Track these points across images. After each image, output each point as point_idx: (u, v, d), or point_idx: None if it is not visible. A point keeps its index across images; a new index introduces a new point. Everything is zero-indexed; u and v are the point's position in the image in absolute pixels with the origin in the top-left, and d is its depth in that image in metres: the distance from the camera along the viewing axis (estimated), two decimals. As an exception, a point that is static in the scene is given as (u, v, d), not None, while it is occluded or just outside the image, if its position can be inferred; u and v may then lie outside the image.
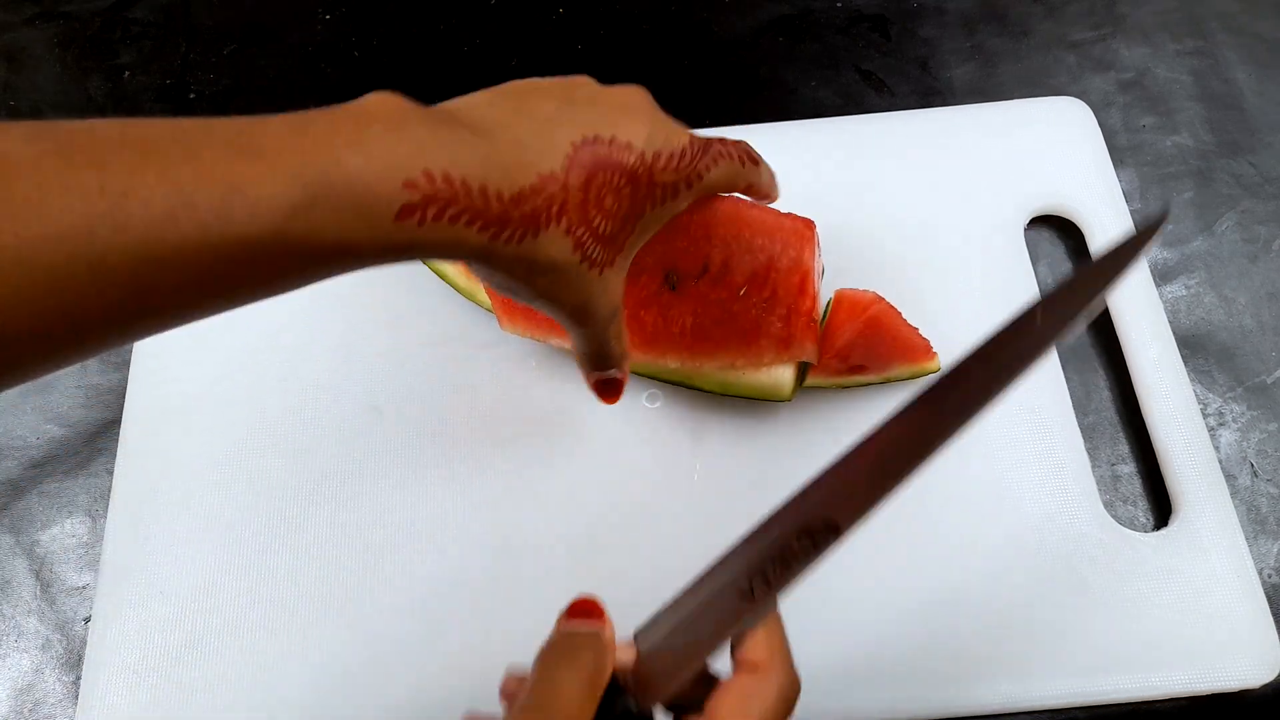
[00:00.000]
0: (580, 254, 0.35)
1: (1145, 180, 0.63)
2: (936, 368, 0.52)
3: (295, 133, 0.29)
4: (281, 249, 0.27)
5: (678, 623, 0.36)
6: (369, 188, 0.29)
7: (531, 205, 0.32)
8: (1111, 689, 0.46)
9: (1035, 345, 0.36)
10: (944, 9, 0.70)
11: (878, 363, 0.52)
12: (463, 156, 0.31)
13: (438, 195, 0.30)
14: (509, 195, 0.32)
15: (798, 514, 0.36)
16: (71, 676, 0.50)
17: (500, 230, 0.32)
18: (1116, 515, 0.51)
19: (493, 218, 0.31)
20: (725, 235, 0.46)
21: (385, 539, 0.50)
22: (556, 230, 0.33)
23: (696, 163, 0.39)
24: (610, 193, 0.35)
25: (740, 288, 0.46)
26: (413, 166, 0.30)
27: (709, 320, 0.47)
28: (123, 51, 0.70)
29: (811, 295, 0.47)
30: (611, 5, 0.71)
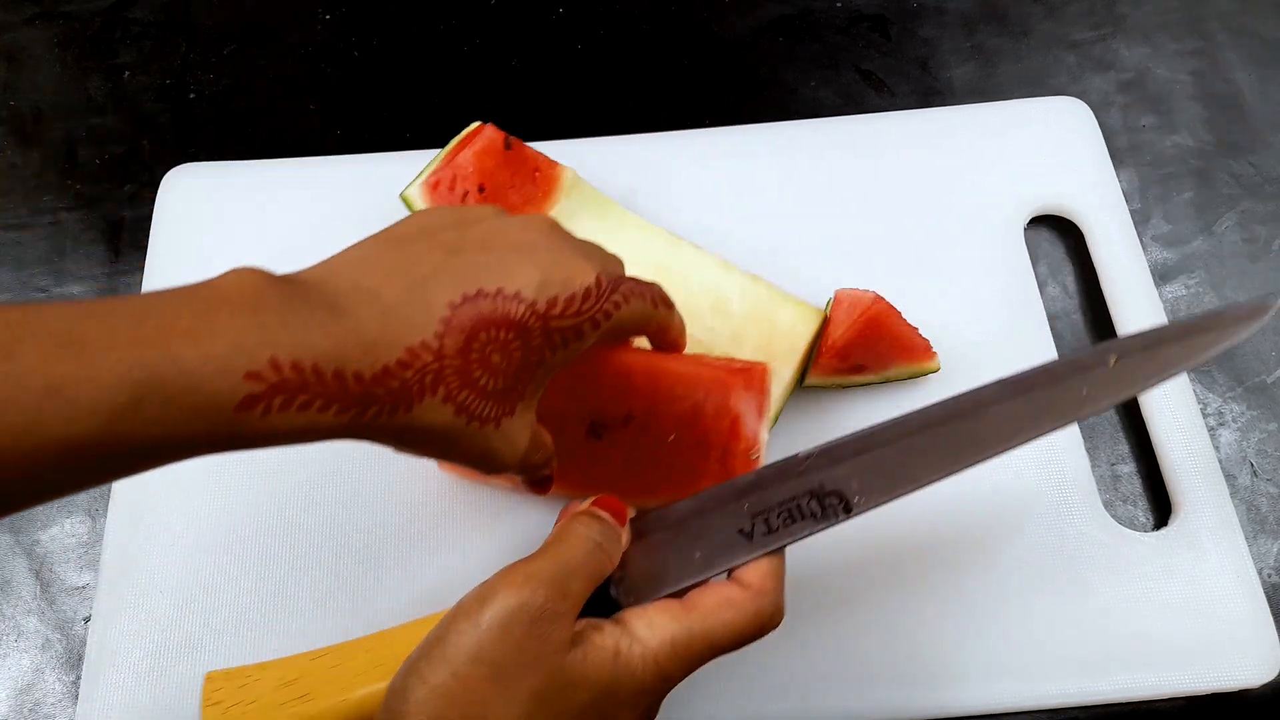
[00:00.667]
0: (465, 416, 0.33)
1: (1145, 180, 0.63)
2: (936, 367, 0.52)
3: (131, 322, 0.27)
4: (106, 448, 0.26)
5: (672, 539, 0.37)
6: (205, 382, 0.27)
7: (400, 379, 0.31)
8: (1111, 689, 0.46)
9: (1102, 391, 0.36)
10: (944, 9, 0.70)
11: (877, 362, 0.52)
12: (315, 340, 0.29)
13: (285, 384, 0.28)
14: (370, 375, 0.30)
15: (816, 474, 0.37)
16: (71, 676, 0.50)
17: (363, 410, 0.30)
18: (1116, 515, 0.51)
19: (351, 399, 0.30)
20: (643, 387, 0.45)
21: (386, 539, 0.50)
22: (433, 400, 0.32)
23: (602, 302, 0.36)
24: (497, 349, 0.33)
25: (669, 434, 0.46)
26: (257, 356, 0.28)
27: (641, 465, 0.46)
28: (123, 51, 0.70)
29: (746, 437, 0.46)
30: (611, 5, 0.71)
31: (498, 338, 0.33)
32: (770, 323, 0.52)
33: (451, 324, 0.32)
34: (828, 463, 0.37)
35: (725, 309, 0.53)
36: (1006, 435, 0.36)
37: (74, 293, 0.61)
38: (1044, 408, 0.36)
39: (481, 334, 0.32)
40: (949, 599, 0.48)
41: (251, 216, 0.60)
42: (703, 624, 0.35)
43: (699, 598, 0.36)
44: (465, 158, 0.55)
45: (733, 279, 0.54)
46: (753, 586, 0.36)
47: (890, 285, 0.55)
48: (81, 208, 0.64)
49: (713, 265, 0.54)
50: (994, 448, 0.36)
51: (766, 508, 0.37)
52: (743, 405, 0.46)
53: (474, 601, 0.34)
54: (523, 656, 0.32)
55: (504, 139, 0.56)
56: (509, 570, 0.34)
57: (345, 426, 0.30)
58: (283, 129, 0.66)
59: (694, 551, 0.37)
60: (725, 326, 0.52)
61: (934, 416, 0.37)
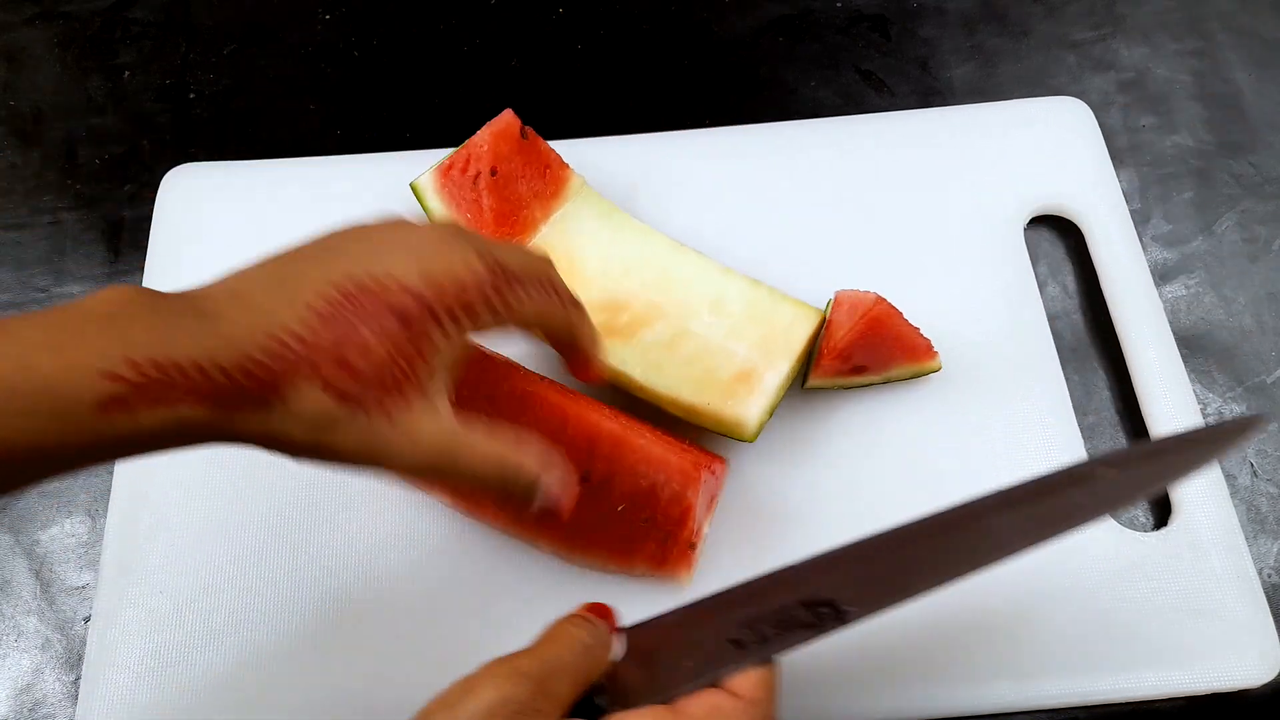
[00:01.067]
0: (347, 404, 0.32)
1: (1145, 180, 0.63)
2: (937, 367, 0.52)
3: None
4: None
5: (662, 647, 0.36)
6: (63, 386, 0.27)
7: (266, 368, 0.31)
8: (1111, 689, 0.46)
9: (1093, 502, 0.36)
10: (944, 9, 0.70)
11: (879, 363, 0.52)
12: (178, 339, 0.30)
13: (147, 382, 0.28)
14: (235, 366, 0.30)
15: (809, 584, 0.37)
16: (71, 676, 0.50)
17: (232, 403, 0.30)
18: (1116, 515, 0.51)
19: (218, 392, 0.30)
20: (609, 454, 0.46)
21: (386, 539, 0.50)
22: (307, 387, 0.31)
23: (493, 292, 0.36)
24: (374, 334, 0.32)
25: (619, 505, 0.46)
26: (113, 357, 0.28)
27: (585, 523, 0.47)
28: (123, 51, 0.70)
29: (691, 528, 0.46)
30: (611, 5, 0.71)
31: (374, 322, 0.33)
32: (768, 321, 0.52)
33: (321, 311, 0.32)
34: (820, 572, 0.37)
35: (724, 308, 0.53)
36: (999, 547, 0.37)
37: (74, 292, 0.61)
38: (1037, 520, 0.36)
39: (353, 319, 0.32)
40: (948, 599, 0.48)
41: (251, 216, 0.60)
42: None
43: (688, 705, 0.35)
44: (481, 137, 0.55)
45: (732, 283, 0.54)
46: (744, 696, 0.35)
47: (890, 285, 0.54)
48: (81, 208, 0.64)
49: (714, 270, 0.54)
50: (986, 559, 0.37)
51: (759, 616, 0.36)
52: (698, 499, 0.46)
53: (456, 692, 0.33)
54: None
55: (520, 127, 0.55)
56: (494, 663, 0.34)
57: (215, 424, 0.30)
58: (283, 129, 0.66)
59: (685, 660, 0.36)
60: (722, 324, 0.52)
61: (927, 527, 0.37)
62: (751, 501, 0.51)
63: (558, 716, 0.33)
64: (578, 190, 0.57)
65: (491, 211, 0.54)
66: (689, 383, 0.50)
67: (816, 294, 0.54)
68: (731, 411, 0.49)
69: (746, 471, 0.52)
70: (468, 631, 0.48)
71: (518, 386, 0.47)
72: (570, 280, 0.50)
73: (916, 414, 0.53)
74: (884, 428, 0.53)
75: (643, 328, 0.52)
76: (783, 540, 0.50)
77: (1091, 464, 0.37)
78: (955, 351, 0.54)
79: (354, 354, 0.32)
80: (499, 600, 0.49)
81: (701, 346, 0.52)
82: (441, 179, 0.55)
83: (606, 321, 0.52)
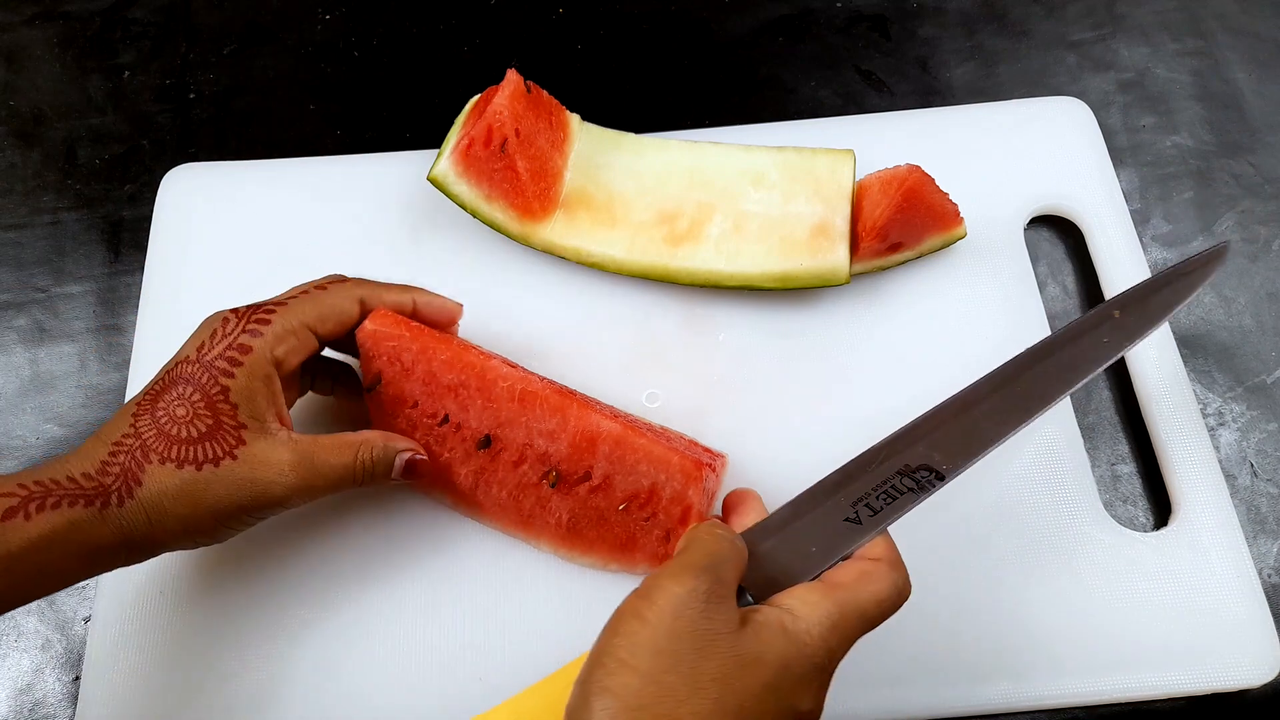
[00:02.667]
0: (192, 465, 0.41)
1: (1145, 180, 0.63)
2: (964, 233, 0.55)
3: None
4: None
5: (786, 539, 0.40)
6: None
7: (118, 464, 0.40)
8: (1111, 689, 0.46)
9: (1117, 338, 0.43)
10: (944, 9, 0.70)
11: (913, 237, 0.54)
12: (50, 466, 0.40)
13: (32, 494, 0.38)
14: (94, 469, 0.40)
15: (902, 453, 0.42)
16: (71, 676, 0.50)
17: (104, 497, 0.39)
18: (1116, 515, 0.51)
19: (89, 491, 0.39)
20: (610, 454, 0.46)
21: (388, 538, 0.50)
22: (154, 467, 0.40)
23: (242, 324, 0.43)
24: (180, 403, 0.41)
25: (620, 503, 0.47)
26: (5, 485, 0.38)
27: (586, 521, 0.48)
28: (123, 51, 0.70)
29: (691, 525, 0.47)
30: (611, 5, 0.71)
31: (174, 396, 0.42)
32: (811, 176, 0.56)
33: (139, 413, 0.41)
34: (905, 445, 0.42)
35: (766, 180, 0.56)
36: (1050, 390, 0.42)
37: (74, 292, 0.61)
38: (1072, 361, 0.43)
39: (160, 402, 0.42)
40: (949, 598, 0.48)
41: (251, 216, 0.60)
42: (852, 597, 0.37)
43: (837, 575, 0.38)
44: (499, 104, 0.54)
45: (761, 156, 0.57)
46: (884, 559, 0.39)
47: (890, 284, 0.55)
48: (81, 208, 0.64)
49: (738, 152, 0.57)
50: (1041, 403, 0.42)
51: (864, 494, 0.41)
52: (699, 499, 0.46)
53: (638, 600, 0.35)
54: (699, 641, 0.33)
55: (524, 83, 0.56)
56: (661, 570, 0.36)
57: (99, 517, 0.39)
58: (283, 129, 0.66)
59: (809, 546, 0.40)
60: (772, 194, 0.56)
61: (982, 389, 0.43)
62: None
63: (734, 599, 0.36)
64: (580, 128, 0.59)
65: (527, 173, 0.55)
66: (772, 255, 0.54)
67: (816, 294, 0.54)
68: (824, 262, 0.53)
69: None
70: (470, 633, 0.48)
71: (516, 387, 0.47)
72: (616, 212, 0.57)
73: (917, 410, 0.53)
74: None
75: (705, 225, 0.56)
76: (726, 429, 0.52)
77: (1101, 309, 0.44)
78: (955, 351, 0.54)
79: (168, 425, 0.41)
80: (501, 601, 0.49)
81: (765, 220, 0.55)
82: (464, 160, 0.55)
83: (669, 232, 0.56)
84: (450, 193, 0.55)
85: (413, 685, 0.47)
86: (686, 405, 0.53)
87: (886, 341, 0.55)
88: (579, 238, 0.56)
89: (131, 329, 0.58)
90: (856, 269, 0.54)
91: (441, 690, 0.47)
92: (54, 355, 0.59)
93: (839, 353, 0.55)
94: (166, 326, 0.56)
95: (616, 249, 0.55)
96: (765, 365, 0.54)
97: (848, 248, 0.53)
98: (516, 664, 0.47)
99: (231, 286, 0.57)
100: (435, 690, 0.47)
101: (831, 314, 0.56)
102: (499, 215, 0.55)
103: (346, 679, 0.47)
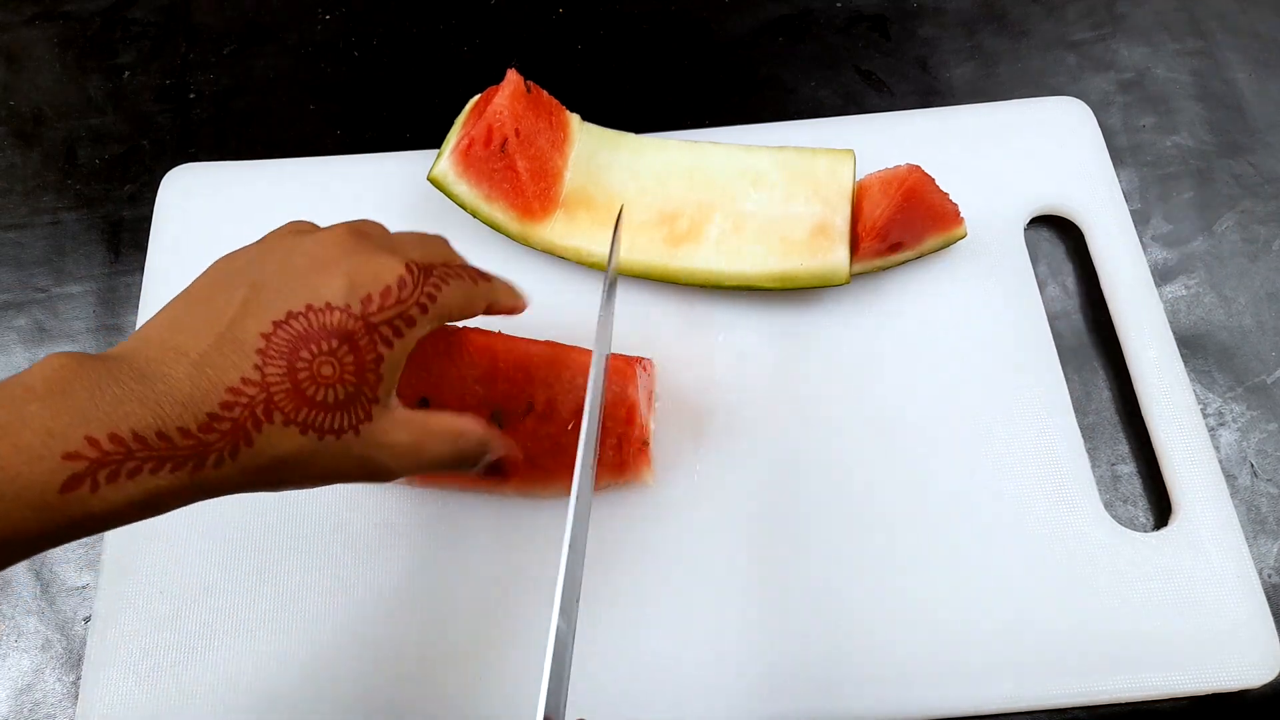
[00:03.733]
0: (315, 433, 0.33)
1: (1145, 180, 0.63)
2: (964, 233, 0.55)
3: None
4: None
5: None
6: (21, 472, 0.27)
7: (229, 420, 0.31)
8: (1111, 689, 0.46)
9: None
10: (944, 9, 0.70)
11: (914, 237, 0.54)
12: (131, 410, 0.29)
13: (108, 456, 0.29)
14: (196, 425, 0.31)
15: None
16: (71, 676, 0.50)
17: (200, 461, 0.31)
18: (1116, 515, 0.51)
19: (183, 453, 0.30)
20: (545, 377, 0.46)
21: (389, 537, 0.50)
22: (272, 427, 0.32)
23: (418, 292, 0.37)
24: (326, 360, 0.34)
25: (569, 423, 0.47)
26: (72, 436, 0.28)
27: (542, 453, 0.48)
28: (123, 51, 0.70)
29: (640, 424, 0.48)
30: (611, 5, 0.71)
31: (321, 349, 0.33)
32: (810, 176, 0.56)
33: (268, 353, 0.33)
34: None
35: (766, 181, 0.56)
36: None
37: (74, 292, 0.61)
38: None
39: (303, 352, 0.33)
40: (949, 598, 0.48)
41: (251, 216, 0.60)
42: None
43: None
44: (499, 104, 0.55)
45: (761, 156, 0.57)
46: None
47: (890, 284, 0.55)
48: (81, 208, 0.64)
49: (738, 152, 0.58)
50: None
51: None
52: (639, 395, 0.47)
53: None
54: None
55: (524, 83, 0.56)
56: None
57: (192, 483, 0.31)
58: (283, 129, 0.66)
59: None
60: (772, 195, 0.56)
61: None
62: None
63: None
64: (579, 128, 0.59)
65: (527, 173, 0.55)
66: (772, 255, 0.54)
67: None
68: (824, 262, 0.53)
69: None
70: (474, 634, 0.48)
71: (440, 340, 0.46)
72: (616, 211, 0.56)
73: (917, 410, 0.53)
74: (883, 427, 0.53)
75: (705, 225, 0.56)
76: (728, 431, 0.53)
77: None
78: (954, 351, 0.54)
79: (307, 384, 0.33)
80: (511, 606, 0.49)
81: (765, 220, 0.55)
82: (463, 159, 0.55)
83: (669, 233, 0.56)
84: (450, 193, 0.55)
85: (416, 682, 0.47)
86: (686, 405, 0.53)
87: (886, 341, 0.55)
88: (579, 238, 0.56)
89: (131, 329, 0.58)
90: (856, 269, 0.54)
91: (450, 683, 0.47)
92: (54, 355, 0.59)
93: (839, 353, 0.55)
94: (166, 326, 0.56)
95: None
96: (765, 365, 0.54)
97: (848, 248, 0.53)
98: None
99: (231, 286, 0.57)
100: (438, 690, 0.47)
101: (831, 314, 0.56)
102: (499, 215, 0.55)
103: (348, 678, 0.47)
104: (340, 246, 0.37)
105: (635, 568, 0.49)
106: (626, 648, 0.47)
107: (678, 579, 0.49)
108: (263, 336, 0.33)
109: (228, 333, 0.33)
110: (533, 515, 0.50)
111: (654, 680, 0.47)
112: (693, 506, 0.51)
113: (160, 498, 0.30)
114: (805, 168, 0.56)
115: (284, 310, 0.34)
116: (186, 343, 0.32)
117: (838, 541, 0.50)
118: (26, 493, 0.27)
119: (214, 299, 0.34)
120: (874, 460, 0.52)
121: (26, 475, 0.27)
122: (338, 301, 0.34)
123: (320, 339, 0.34)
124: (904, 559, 0.49)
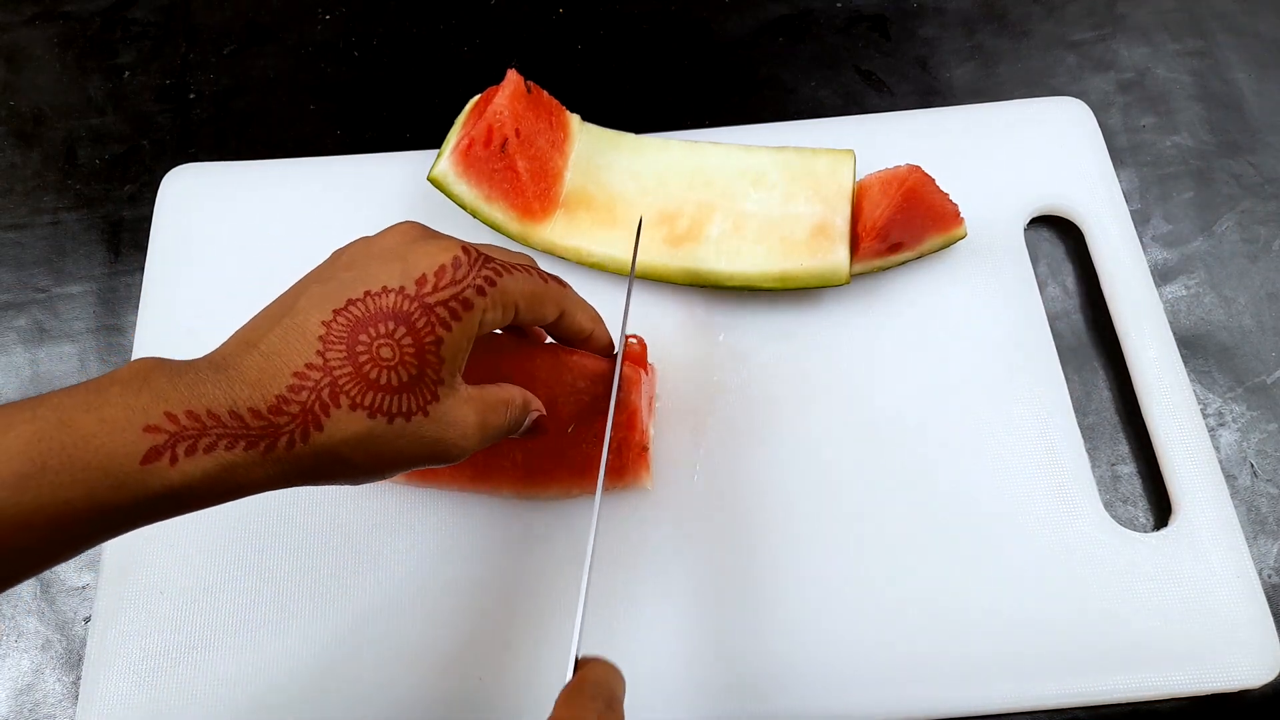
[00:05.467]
0: (383, 416, 0.34)
1: (1145, 180, 0.63)
2: (964, 234, 0.55)
3: (27, 408, 0.29)
4: (19, 521, 0.28)
5: None
6: (105, 442, 0.29)
7: (297, 403, 0.33)
8: (1111, 689, 0.46)
9: None
10: (944, 9, 0.70)
11: (914, 237, 0.54)
12: (206, 391, 0.31)
13: (184, 432, 0.30)
14: (266, 406, 0.32)
15: None
16: (71, 676, 0.50)
17: (272, 440, 0.32)
18: (1116, 515, 0.51)
19: (255, 433, 0.32)
20: (548, 380, 0.46)
21: (387, 538, 0.50)
22: (340, 411, 0.33)
23: (474, 274, 0.37)
24: (385, 343, 0.34)
25: (568, 426, 0.47)
26: (151, 411, 0.30)
27: (541, 456, 0.48)
28: (123, 51, 0.70)
29: (640, 429, 0.48)
30: (611, 5, 0.71)
31: (380, 333, 0.34)
32: (810, 176, 0.56)
33: (329, 339, 0.34)
34: None
35: (766, 181, 0.56)
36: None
37: (74, 292, 0.61)
38: None
39: (362, 336, 0.34)
40: (949, 599, 0.48)
41: (251, 216, 0.60)
42: None
43: None
44: (499, 104, 0.55)
45: (761, 157, 0.57)
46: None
47: (891, 284, 0.54)
48: (81, 208, 0.64)
49: (738, 152, 0.58)
50: None
51: None
52: (640, 400, 0.47)
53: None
54: None
55: (524, 83, 0.56)
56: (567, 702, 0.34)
57: (260, 463, 0.32)
58: (283, 129, 0.66)
59: None
60: (772, 195, 0.56)
61: None
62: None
63: None
64: (580, 128, 0.59)
65: (527, 173, 0.55)
66: (772, 254, 0.54)
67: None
68: (824, 263, 0.53)
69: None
70: (475, 634, 0.48)
71: None
72: (616, 212, 0.56)
73: (917, 410, 0.53)
74: (883, 427, 0.53)
75: (705, 225, 0.56)
76: (727, 432, 0.53)
77: None
78: (954, 352, 0.54)
79: (369, 367, 0.34)
80: (510, 608, 0.49)
81: (765, 220, 0.55)
82: (463, 160, 0.55)
83: (669, 232, 0.56)
84: (450, 193, 0.55)
85: (416, 683, 0.47)
86: (686, 406, 0.53)
87: (887, 341, 0.55)
88: (579, 238, 0.56)
89: (131, 329, 0.58)
90: (856, 269, 0.54)
91: (450, 683, 0.47)
92: (54, 355, 0.59)
93: (839, 353, 0.55)
94: (166, 326, 0.56)
95: (617, 249, 0.56)
96: (765, 365, 0.55)
97: (848, 248, 0.53)
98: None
99: (231, 286, 0.57)
100: (438, 690, 0.47)
101: (831, 314, 0.56)
102: (499, 215, 0.55)
103: (348, 679, 0.47)
104: (403, 236, 0.38)
105: (635, 568, 0.49)
106: (626, 648, 0.47)
107: (677, 579, 0.49)
108: (324, 324, 0.34)
109: (292, 322, 0.34)
110: (531, 516, 0.51)
111: (654, 680, 0.47)
112: (691, 507, 0.51)
113: (235, 476, 0.32)
114: (805, 168, 0.56)
115: (344, 298, 0.35)
116: (256, 335, 0.34)
117: (838, 542, 0.50)
118: (110, 463, 0.29)
119: (284, 297, 0.36)
120: (874, 460, 0.52)
121: (109, 446, 0.29)
122: (393, 284, 0.35)
123: (377, 322, 0.34)
124: (904, 559, 0.49)
